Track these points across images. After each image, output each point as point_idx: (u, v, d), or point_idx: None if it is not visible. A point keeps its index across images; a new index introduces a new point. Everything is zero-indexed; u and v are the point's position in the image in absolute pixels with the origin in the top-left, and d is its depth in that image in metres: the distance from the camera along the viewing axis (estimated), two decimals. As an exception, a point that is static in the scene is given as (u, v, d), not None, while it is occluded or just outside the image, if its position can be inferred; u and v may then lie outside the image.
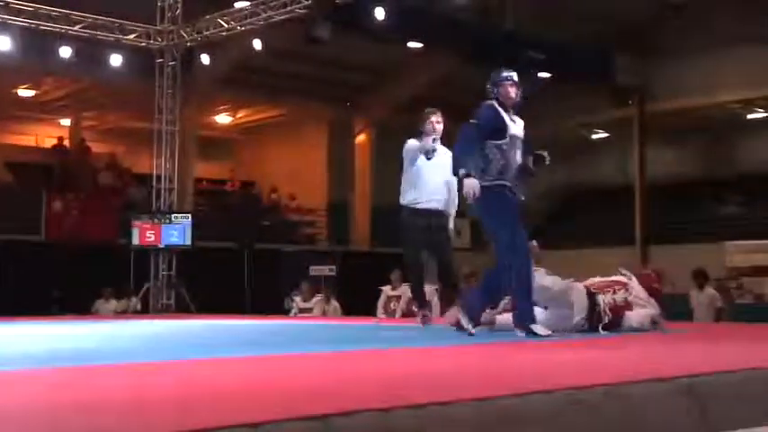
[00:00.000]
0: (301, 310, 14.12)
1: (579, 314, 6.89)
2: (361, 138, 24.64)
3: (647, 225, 23.44)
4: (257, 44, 16.35)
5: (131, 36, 16.28)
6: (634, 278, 7.35)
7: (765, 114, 23.88)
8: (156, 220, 16.14)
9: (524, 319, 6.30)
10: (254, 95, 23.01)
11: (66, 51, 15.57)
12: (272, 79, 21.85)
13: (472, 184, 6.20)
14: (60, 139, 23.04)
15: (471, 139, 6.37)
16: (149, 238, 16.05)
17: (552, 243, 22.32)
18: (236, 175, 25.03)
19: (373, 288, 13.37)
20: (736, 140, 24.94)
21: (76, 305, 15.33)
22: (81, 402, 2.64)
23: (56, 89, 22.26)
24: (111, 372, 3.95)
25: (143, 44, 16.51)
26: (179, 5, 16.43)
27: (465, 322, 6.46)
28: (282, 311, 14.58)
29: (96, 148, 23.61)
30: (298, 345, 6.17)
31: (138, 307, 16.09)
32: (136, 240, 16.11)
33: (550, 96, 23.95)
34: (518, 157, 6.47)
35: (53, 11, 15.18)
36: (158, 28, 16.51)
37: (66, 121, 24.36)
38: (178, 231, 16.00)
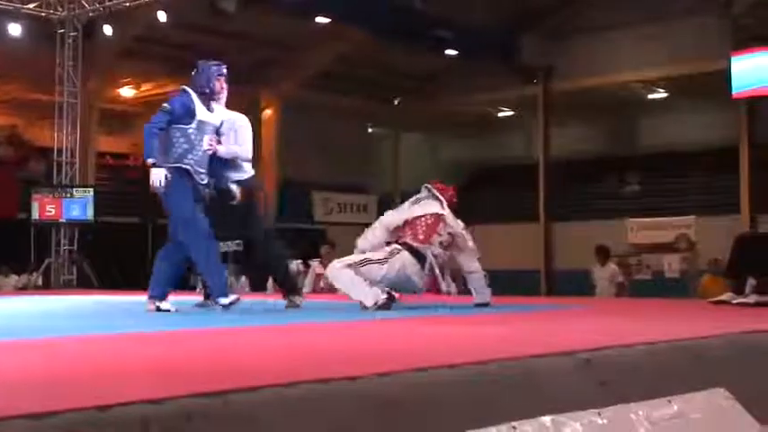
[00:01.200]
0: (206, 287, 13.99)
1: (419, 277, 7.07)
2: (267, 113, 24.44)
3: (550, 202, 23.83)
4: (162, 16, 16.09)
5: (31, 5, 15.83)
6: (441, 199, 7.42)
7: (665, 94, 24.45)
8: (56, 194, 15.80)
9: (217, 294, 6.83)
10: (158, 69, 22.60)
11: (-40, 20, 15.10)
12: (176, 52, 21.47)
13: (158, 174, 6.60)
14: (-45, 111, 22.34)
15: (158, 123, 6.76)
16: (50, 212, 15.71)
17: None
18: (140, 150, 24.60)
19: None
20: (638, 119, 25.50)
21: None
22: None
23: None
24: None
25: (43, 14, 16.08)
26: (81, -25, 16.07)
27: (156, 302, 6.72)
28: (188, 287, 14.43)
29: (-6, 120, 22.94)
30: (199, 321, 6.11)
31: (39, 282, 15.75)
32: (36, 215, 15.75)
33: (457, 74, 24.14)
34: (206, 143, 6.83)
35: (-53, -24, 14.69)
36: (60, -3, 16.12)
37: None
38: (80, 206, 15.71)
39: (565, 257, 22.39)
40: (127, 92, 24.91)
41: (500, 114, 27.43)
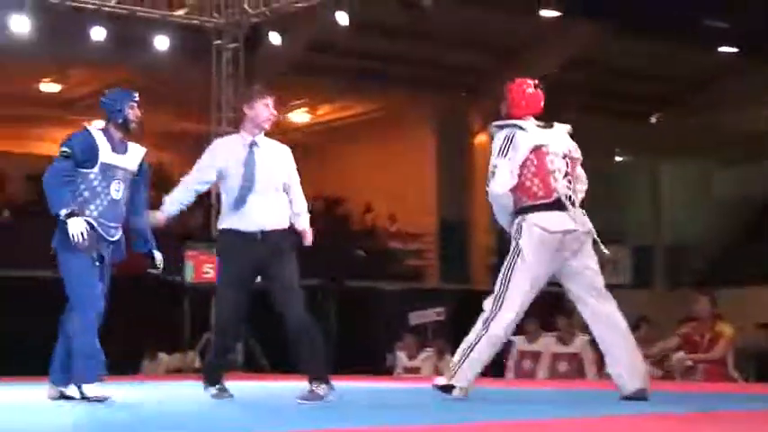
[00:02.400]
0: (407, 370, 14.06)
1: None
2: (481, 137, 24.52)
3: None
4: (342, 18, 16.34)
5: (181, 12, 16.50)
6: (521, 125, 7.22)
7: None
8: (215, 250, 16.21)
9: (78, 378, 7.12)
10: (340, 85, 23.10)
11: (98, 33, 15.82)
12: (362, 63, 21.91)
13: (78, 224, 7.07)
14: (93, 145, 23.42)
15: (63, 171, 7.30)
16: (207, 273, 16.11)
17: (745, 278, 21.66)
18: (319, 190, 25.15)
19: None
20: None
21: (121, 363, 15.54)
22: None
23: (86, 82, 22.70)
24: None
25: (196, 22, 16.71)
26: (241, -28, 16.60)
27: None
28: (381, 370, 14.56)
29: (138, 156, 23.94)
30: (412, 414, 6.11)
31: (197, 363, 16.21)
32: (190, 276, 16.21)
33: (737, 79, 23.48)
34: (115, 190, 7.36)
35: (83, -19, 15.48)
36: (215, 0, 16.70)
37: (100, 123, 24.80)
38: (244, 264, 16.03)
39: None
40: (300, 117, 25.61)
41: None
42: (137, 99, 7.59)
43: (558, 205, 6.95)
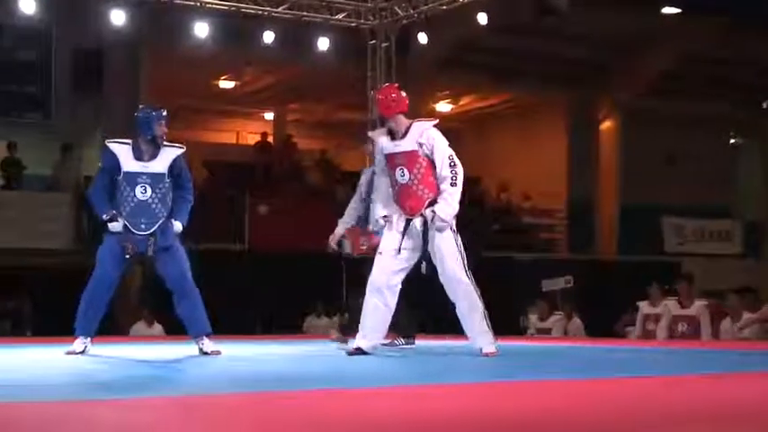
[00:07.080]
0: (538, 330, 14.11)
1: None
2: (606, 125, 24.27)
3: None
4: (482, 18, 16.34)
5: (340, 15, 16.66)
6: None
7: None
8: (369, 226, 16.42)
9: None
10: (479, 78, 23.09)
11: (269, 36, 16.10)
12: (499, 59, 21.86)
13: (113, 226, 7.70)
14: (264, 134, 23.85)
15: (100, 184, 7.90)
16: (363, 246, 16.29)
17: None
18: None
19: (621, 304, 13.31)
20: None
21: (284, 322, 15.87)
22: None
23: (258, 79, 23.11)
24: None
25: (353, 24, 16.86)
26: (393, -22, 16.67)
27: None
28: (516, 330, 14.60)
29: (303, 144, 24.31)
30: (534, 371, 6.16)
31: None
32: (348, 249, 16.41)
33: None
34: (141, 193, 7.75)
35: (255, -9, 15.73)
36: (370, 5, 16.81)
37: (269, 115, 25.28)
38: (393, 238, 16.20)
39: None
40: (443, 106, 25.65)
41: None
42: (165, 117, 7.87)
43: None
